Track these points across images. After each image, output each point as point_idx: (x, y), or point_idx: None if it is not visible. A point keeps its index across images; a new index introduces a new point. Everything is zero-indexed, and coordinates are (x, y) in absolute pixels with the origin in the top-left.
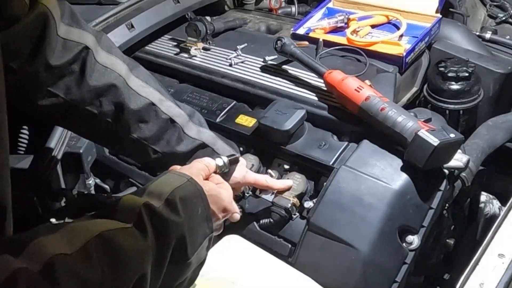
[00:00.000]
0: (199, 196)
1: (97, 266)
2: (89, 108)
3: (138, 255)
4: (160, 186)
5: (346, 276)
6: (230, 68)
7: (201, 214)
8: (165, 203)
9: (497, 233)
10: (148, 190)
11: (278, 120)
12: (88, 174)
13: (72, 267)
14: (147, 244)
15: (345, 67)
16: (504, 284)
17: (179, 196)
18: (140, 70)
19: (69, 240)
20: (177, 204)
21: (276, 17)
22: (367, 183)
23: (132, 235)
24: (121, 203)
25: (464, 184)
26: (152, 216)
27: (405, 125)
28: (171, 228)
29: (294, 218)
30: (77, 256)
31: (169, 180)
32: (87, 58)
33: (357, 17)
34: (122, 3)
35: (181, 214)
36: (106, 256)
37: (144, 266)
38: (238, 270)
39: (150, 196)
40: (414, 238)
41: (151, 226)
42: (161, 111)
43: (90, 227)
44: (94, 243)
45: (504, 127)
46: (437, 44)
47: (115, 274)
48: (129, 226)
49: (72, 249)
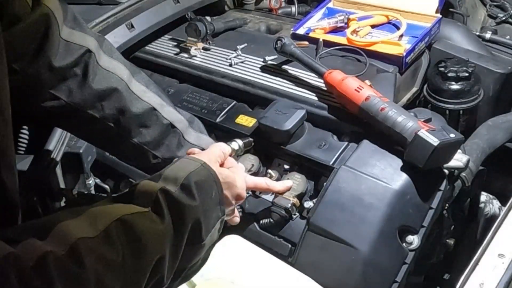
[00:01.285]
0: (212, 180)
1: (118, 248)
2: (90, 111)
3: (157, 238)
4: (175, 171)
5: (346, 276)
6: (230, 68)
7: (215, 197)
8: (180, 187)
9: (497, 233)
10: (163, 175)
11: (278, 120)
12: (88, 174)
13: (96, 249)
14: (165, 227)
15: (345, 67)
16: (504, 284)
17: (194, 180)
18: (141, 75)
19: (90, 223)
20: (192, 188)
21: (276, 17)
22: (367, 183)
23: (151, 219)
24: (138, 188)
25: (464, 184)
26: (169, 200)
27: (405, 125)
28: (187, 212)
29: (294, 218)
30: (100, 239)
31: (183, 165)
32: (89, 61)
33: (357, 17)
34: (122, 3)
35: (196, 198)
36: (126, 239)
37: (162, 248)
38: (238, 270)
39: (166, 181)
40: (414, 238)
41: (168, 210)
42: (162, 116)
43: (110, 211)
44: (115, 227)
45: (504, 127)
46: (437, 44)
47: (135, 256)
48: (147, 210)
49: (94, 233)
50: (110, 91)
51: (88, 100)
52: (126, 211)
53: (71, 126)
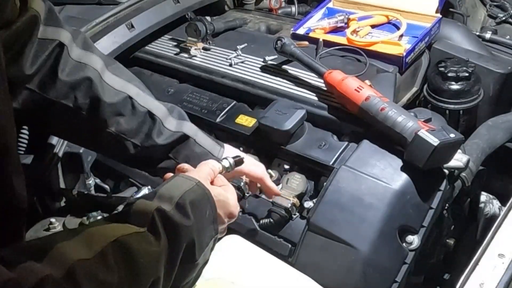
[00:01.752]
0: (207, 199)
1: (114, 270)
2: (64, 102)
3: (152, 259)
4: (170, 190)
5: (346, 276)
6: (230, 68)
7: (209, 216)
8: (175, 207)
9: (497, 233)
10: (158, 194)
11: (278, 120)
12: (88, 174)
13: (92, 271)
14: (161, 248)
15: (345, 67)
16: (504, 284)
17: (188, 200)
18: (117, 66)
19: (87, 245)
20: (187, 207)
21: (276, 17)
22: (367, 183)
23: (147, 239)
24: (134, 208)
25: (464, 184)
26: (165, 220)
27: (405, 125)
28: (182, 232)
29: (294, 218)
30: (96, 261)
31: (178, 183)
32: (61, 54)
33: (357, 17)
34: (122, 3)
35: (191, 218)
36: (123, 260)
37: (158, 270)
38: (238, 270)
39: (161, 200)
40: (414, 238)
41: (164, 230)
42: (138, 104)
43: (106, 232)
44: (111, 248)
45: (504, 127)
46: (437, 44)
47: (131, 278)
48: (143, 231)
49: (91, 254)
50: (82, 81)
51: (61, 91)
52: (123, 231)
53: (48, 120)
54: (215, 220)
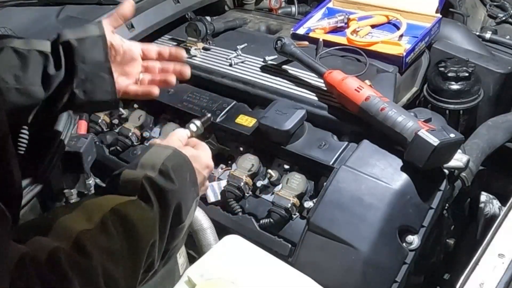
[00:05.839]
0: (185, 163)
1: (116, 237)
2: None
3: (148, 224)
4: (150, 158)
5: (346, 276)
6: (230, 68)
7: (190, 179)
8: (159, 173)
9: (497, 233)
10: (140, 163)
11: (278, 120)
12: (88, 174)
13: (97, 240)
14: (153, 213)
15: (345, 67)
16: (504, 284)
17: (170, 165)
18: None
19: (86, 217)
20: (170, 173)
21: (276, 17)
22: (367, 183)
23: (140, 206)
24: (122, 178)
25: (464, 184)
26: (153, 187)
27: (405, 125)
28: (170, 195)
29: (294, 218)
30: (98, 230)
31: (156, 152)
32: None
33: (357, 17)
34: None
35: (175, 182)
36: (122, 228)
37: (154, 233)
38: (238, 270)
39: (145, 169)
40: (414, 238)
41: (154, 196)
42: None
43: (102, 203)
44: (110, 218)
45: (504, 127)
46: (437, 44)
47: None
48: (135, 199)
49: (92, 225)
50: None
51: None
52: (117, 201)
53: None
54: (195, 182)
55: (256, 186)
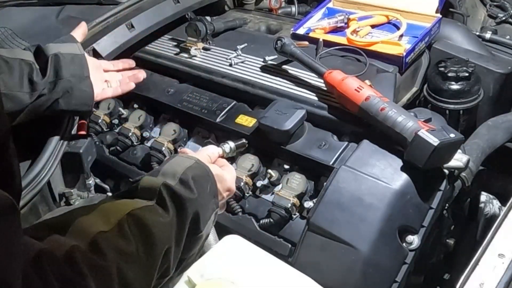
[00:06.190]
0: (207, 174)
1: (132, 240)
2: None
3: (164, 229)
4: (172, 167)
5: (346, 276)
6: (230, 68)
7: (210, 191)
8: (179, 182)
9: (497, 233)
10: (162, 171)
11: (278, 120)
12: (88, 174)
13: (113, 242)
14: (170, 219)
15: (345, 67)
16: (504, 284)
17: (191, 175)
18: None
19: (104, 219)
20: (190, 182)
21: (276, 17)
22: (367, 183)
23: (156, 212)
24: (141, 184)
25: (464, 184)
26: (171, 194)
27: (405, 125)
28: (188, 204)
29: (294, 218)
30: (114, 233)
31: (179, 161)
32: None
33: (357, 17)
34: (122, 3)
35: (194, 191)
36: (138, 231)
37: (170, 239)
38: (238, 270)
39: (165, 176)
40: (414, 238)
41: (171, 203)
42: None
43: (120, 206)
44: (127, 221)
45: (504, 127)
46: (437, 44)
47: (147, 247)
48: (152, 204)
49: (109, 227)
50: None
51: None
52: (134, 205)
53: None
54: (215, 194)
55: (256, 186)
